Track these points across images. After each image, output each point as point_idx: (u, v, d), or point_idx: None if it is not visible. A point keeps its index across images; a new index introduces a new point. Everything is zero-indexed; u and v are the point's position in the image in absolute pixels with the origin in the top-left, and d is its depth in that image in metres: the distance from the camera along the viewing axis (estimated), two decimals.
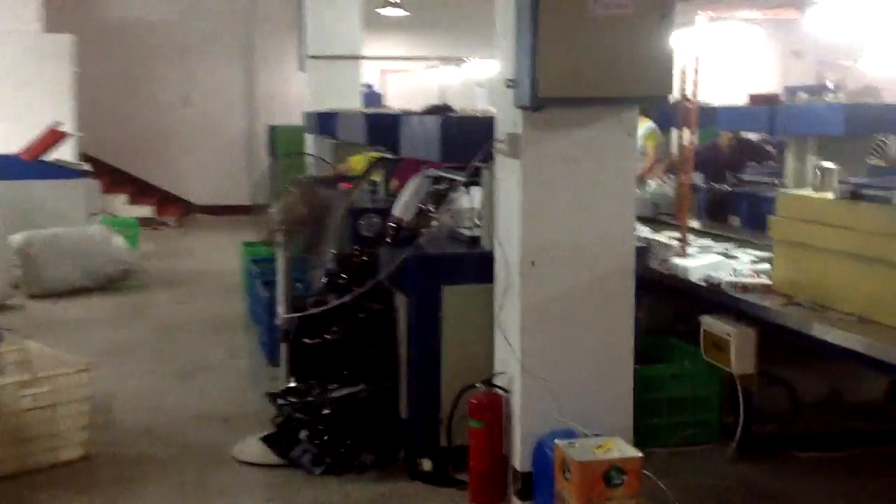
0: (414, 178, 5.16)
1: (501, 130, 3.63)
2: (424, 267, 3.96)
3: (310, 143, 8.96)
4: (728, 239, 4.91)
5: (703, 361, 3.99)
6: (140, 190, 13.86)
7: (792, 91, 7.78)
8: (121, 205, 13.15)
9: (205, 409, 5.09)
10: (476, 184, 4.16)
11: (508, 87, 3.44)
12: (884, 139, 6.85)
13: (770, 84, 11.88)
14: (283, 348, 4.38)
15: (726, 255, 4.33)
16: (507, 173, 3.59)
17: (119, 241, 8.72)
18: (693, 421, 4.13)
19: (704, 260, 4.19)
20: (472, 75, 11.78)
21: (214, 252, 10.88)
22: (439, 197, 4.32)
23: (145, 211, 13.24)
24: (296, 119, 13.58)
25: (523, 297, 3.51)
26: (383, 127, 5.81)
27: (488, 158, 3.79)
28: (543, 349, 3.53)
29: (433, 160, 4.21)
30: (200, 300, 8.09)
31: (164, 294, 8.37)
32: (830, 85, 6.49)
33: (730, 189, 6.14)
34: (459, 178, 4.13)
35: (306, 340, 4.29)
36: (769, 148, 7.18)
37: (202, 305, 7.85)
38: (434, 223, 4.27)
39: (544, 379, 3.50)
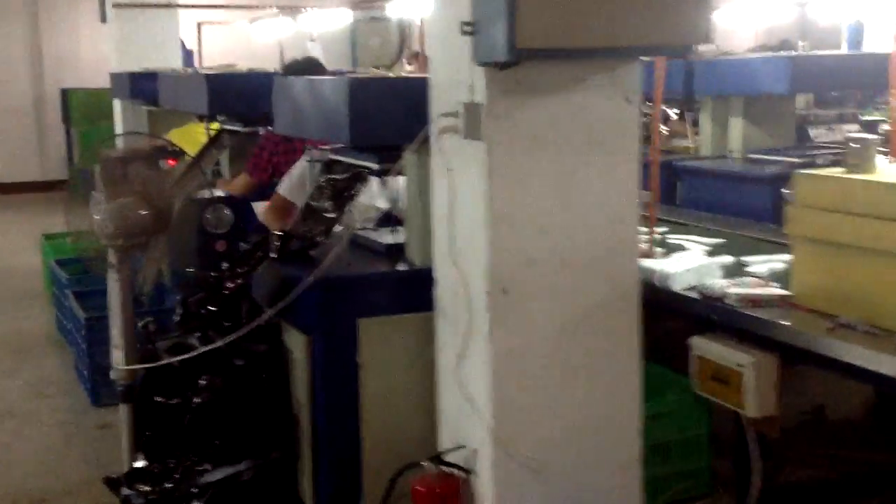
0: (298, 162, 3.96)
1: (449, 99, 2.51)
2: (332, 293, 2.80)
3: (118, 110, 7.41)
4: (672, 223, 4.03)
5: (690, 395, 3.08)
6: None
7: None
8: None
9: (7, 485, 3.73)
10: (388, 172, 3.03)
11: (465, 33, 2.33)
12: None
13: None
14: (124, 411, 3.10)
15: (709, 253, 3.43)
16: (462, 161, 2.49)
17: None
18: (685, 471, 3.23)
19: (685, 262, 3.26)
20: (305, 28, 10.38)
21: (2, 242, 9.06)
22: (337, 191, 3.15)
23: None
24: (93, 81, 11.76)
25: (493, 340, 2.44)
26: (234, 92, 4.54)
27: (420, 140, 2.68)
28: (522, 411, 2.48)
29: (337, 140, 3.04)
30: None
31: None
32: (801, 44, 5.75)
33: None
34: (371, 164, 2.98)
35: (160, 399, 3.04)
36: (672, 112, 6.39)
37: None
38: (335, 228, 3.11)
39: (527, 456, 2.46)
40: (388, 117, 2.81)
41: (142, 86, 6.56)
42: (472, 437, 2.55)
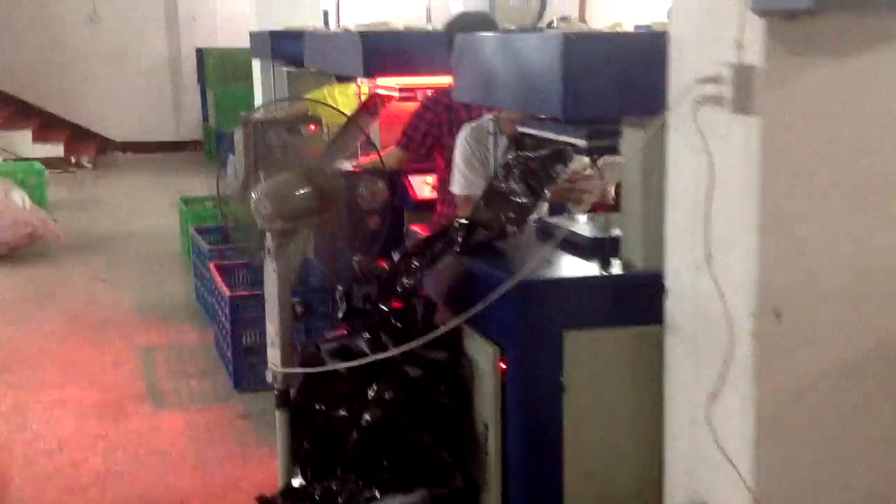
0: (463, 131, 3.46)
1: (703, 60, 1.95)
2: (534, 299, 2.29)
3: (257, 71, 7.08)
4: None
5: None
6: (47, 124, 11.70)
7: None
8: (24, 142, 11.01)
9: (143, 480, 3.41)
10: (606, 150, 2.49)
11: None
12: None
13: None
14: (280, 418, 2.69)
15: None
16: (723, 141, 1.93)
17: (20, 196, 6.79)
18: None
19: None
20: None
21: (140, 202, 8.96)
22: (529, 172, 2.62)
23: (54, 149, 11.14)
24: (229, 41, 11.59)
25: (760, 377, 1.89)
26: (393, 52, 4.08)
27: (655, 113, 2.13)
28: (792, 472, 1.93)
29: (542, 111, 2.51)
30: (128, 276, 6.25)
31: (79, 266, 6.51)
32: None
33: None
34: (577, 140, 2.45)
35: (320, 408, 2.61)
36: None
37: (131, 285, 6.03)
38: (529, 216, 2.59)
39: None
40: (608, 83, 2.27)
41: (284, 45, 6.20)
42: (717, 496, 2.02)
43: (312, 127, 6.45)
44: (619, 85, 2.26)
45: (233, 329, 4.16)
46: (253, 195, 2.63)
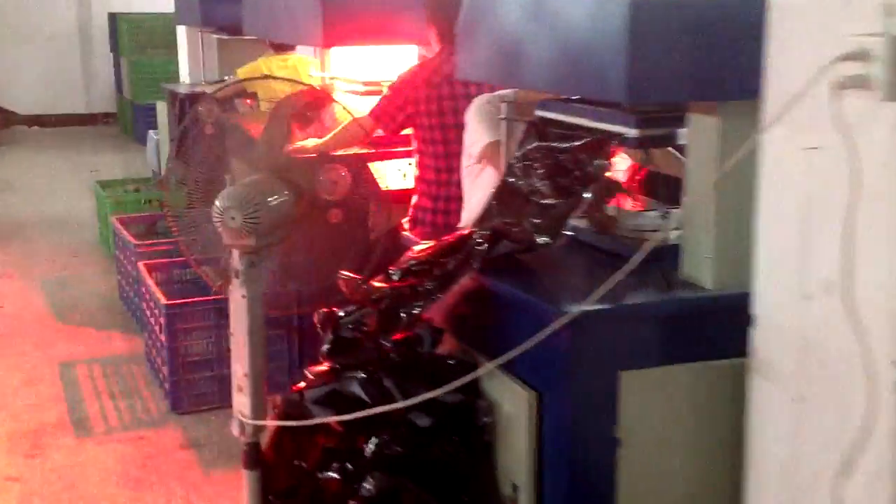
0: (471, 110, 2.92)
1: (828, 33, 1.47)
2: (584, 332, 1.80)
3: (183, 39, 6.38)
4: None
5: None
6: None
7: None
8: None
9: None
10: (660, 142, 2.01)
11: None
12: None
13: None
14: (249, 479, 2.14)
15: None
16: (865, 137, 1.46)
17: None
18: None
19: None
20: None
21: (50, 183, 8.15)
22: (558, 167, 2.12)
23: None
24: (144, 5, 10.73)
25: None
26: (362, 14, 3.52)
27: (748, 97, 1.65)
28: None
29: (596, 94, 1.99)
30: (41, 271, 5.54)
31: None
32: None
33: None
34: (625, 129, 1.96)
35: (301, 465, 2.08)
36: None
37: (44, 282, 5.33)
38: (563, 223, 2.09)
39: None
40: (684, 60, 1.77)
41: (216, 10, 5.54)
42: None
43: (248, 102, 5.84)
44: (697, 62, 1.78)
45: (170, 342, 3.57)
46: (217, 204, 2.07)
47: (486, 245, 2.02)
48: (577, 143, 2.11)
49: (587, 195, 2.07)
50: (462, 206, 3.27)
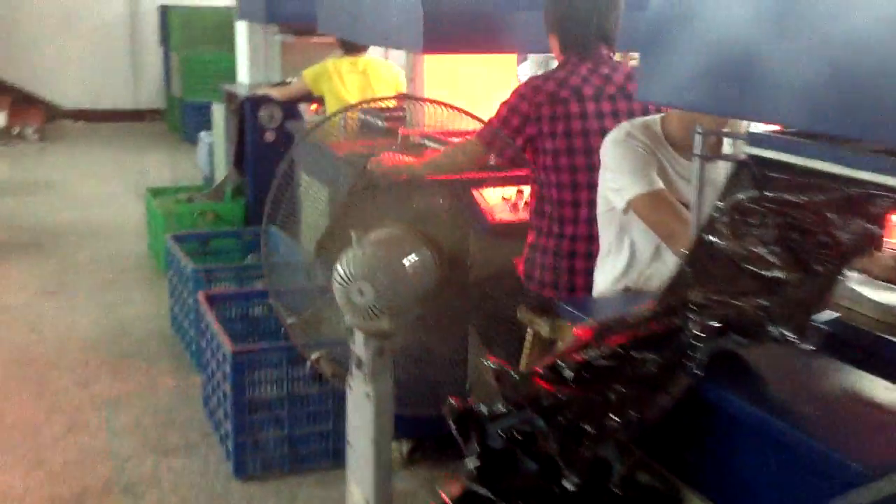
0: (609, 145, 2.34)
1: None
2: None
3: (243, 37, 5.85)
4: None
5: None
6: None
7: None
8: None
9: None
10: None
11: None
12: None
13: None
14: None
15: None
16: None
17: None
18: None
19: None
20: None
21: (96, 185, 7.69)
22: (790, 228, 1.54)
23: None
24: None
25: None
26: (469, 18, 2.96)
27: None
28: None
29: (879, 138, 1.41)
30: (85, 289, 5.03)
31: (20, 274, 5.27)
32: None
33: None
34: None
35: None
36: None
37: (88, 302, 4.82)
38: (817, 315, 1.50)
39: None
40: None
41: (284, 5, 5.01)
42: None
43: (314, 107, 5.31)
44: None
45: (236, 396, 3.03)
46: (340, 272, 1.51)
47: (707, 339, 1.44)
48: (823, 197, 1.53)
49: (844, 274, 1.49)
50: (589, 248, 2.70)
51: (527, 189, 3.02)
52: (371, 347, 1.52)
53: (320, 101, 5.24)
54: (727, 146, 1.99)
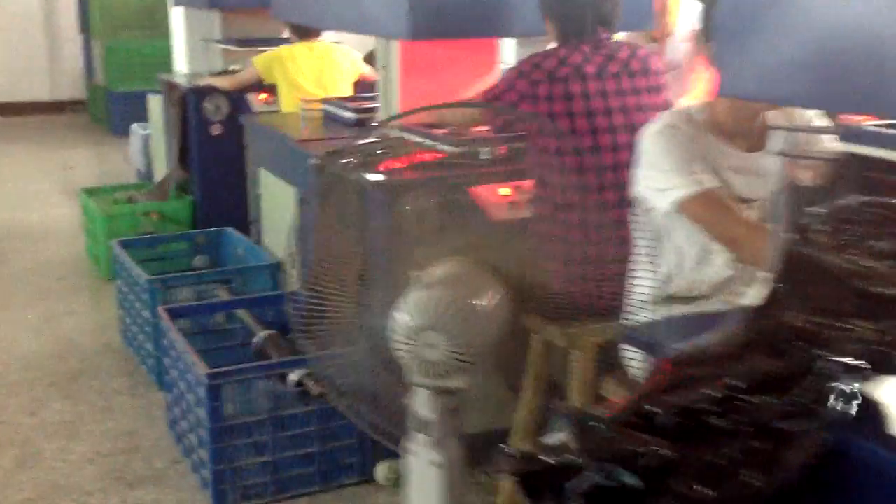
0: (650, 137, 2.13)
1: None
2: None
3: (180, 22, 5.48)
4: None
5: None
6: None
7: None
8: None
9: None
10: None
11: None
12: None
13: None
14: None
15: None
16: None
17: None
18: None
19: None
20: None
21: (15, 180, 7.22)
22: None
23: None
24: None
25: None
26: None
27: None
28: None
29: None
30: (18, 298, 4.66)
31: None
32: None
33: None
34: None
35: None
36: None
37: (24, 314, 4.44)
38: None
39: None
40: None
41: None
42: None
43: (263, 96, 5.00)
44: None
45: (213, 421, 2.75)
46: (399, 322, 1.26)
47: (844, 377, 1.24)
48: None
49: None
50: (610, 251, 2.49)
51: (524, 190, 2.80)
52: (440, 408, 1.29)
53: (271, 89, 4.94)
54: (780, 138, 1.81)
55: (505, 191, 2.81)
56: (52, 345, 4.06)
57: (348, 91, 4.60)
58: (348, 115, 3.73)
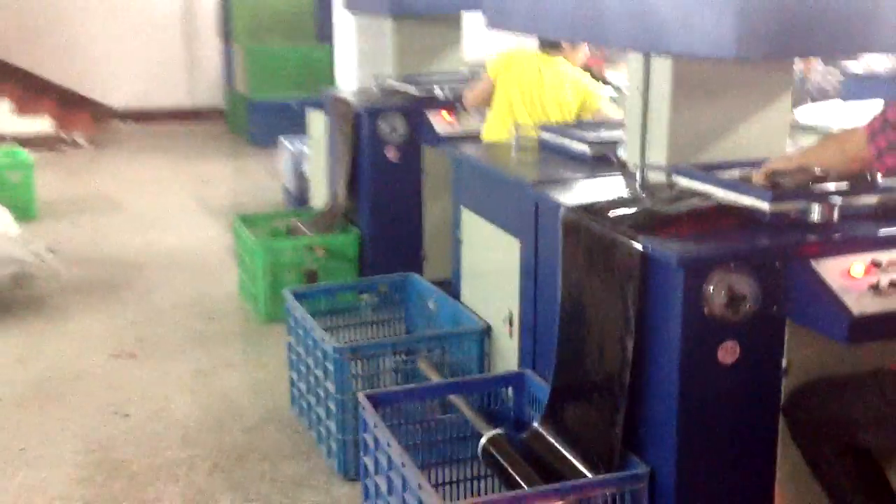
0: None
1: None
2: None
3: (350, 29, 4.86)
4: None
5: None
6: (32, 90, 9.34)
7: None
8: (4, 115, 8.75)
9: None
10: None
11: None
12: None
13: None
14: None
15: None
16: None
17: (3, 218, 4.61)
18: None
19: None
20: None
21: (160, 202, 6.75)
22: None
23: (40, 123, 8.88)
24: None
25: None
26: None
27: None
28: None
29: None
30: (168, 346, 4.08)
31: (91, 326, 4.31)
32: None
33: None
34: None
35: None
36: None
37: (176, 367, 3.85)
38: None
39: None
40: None
41: None
42: None
43: (450, 118, 4.32)
44: None
45: None
46: None
47: None
48: None
49: None
50: None
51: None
52: None
53: (451, 107, 4.27)
54: None
55: (857, 270, 2.02)
56: (210, 409, 3.46)
57: (567, 118, 3.87)
58: (580, 147, 2.99)
